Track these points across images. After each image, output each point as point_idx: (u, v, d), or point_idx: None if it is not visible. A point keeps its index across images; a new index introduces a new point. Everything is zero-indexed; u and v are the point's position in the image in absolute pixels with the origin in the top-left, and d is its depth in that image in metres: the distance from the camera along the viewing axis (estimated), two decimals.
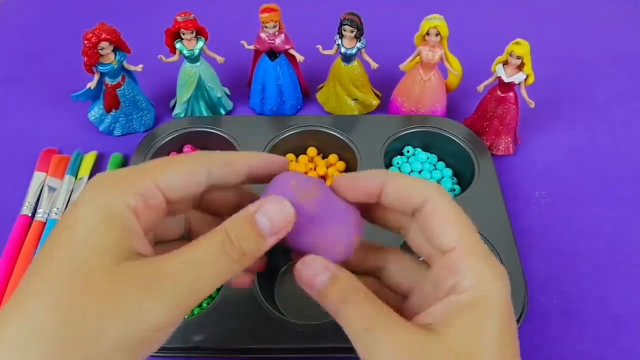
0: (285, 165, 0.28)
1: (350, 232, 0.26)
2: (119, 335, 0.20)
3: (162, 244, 0.28)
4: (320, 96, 0.61)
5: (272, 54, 0.56)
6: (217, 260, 0.22)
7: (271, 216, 0.23)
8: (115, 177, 0.23)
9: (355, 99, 0.59)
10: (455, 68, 0.55)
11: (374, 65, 0.56)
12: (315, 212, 0.25)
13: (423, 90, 0.56)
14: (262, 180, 0.27)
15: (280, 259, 0.47)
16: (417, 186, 0.25)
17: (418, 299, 0.26)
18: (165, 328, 0.21)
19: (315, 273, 0.24)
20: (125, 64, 0.54)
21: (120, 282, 0.20)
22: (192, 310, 0.44)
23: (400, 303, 0.27)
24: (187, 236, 0.29)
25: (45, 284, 0.20)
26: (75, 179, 0.53)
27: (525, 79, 0.51)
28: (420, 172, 0.54)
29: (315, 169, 0.54)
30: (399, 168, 0.54)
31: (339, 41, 0.54)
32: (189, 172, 0.24)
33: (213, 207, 0.29)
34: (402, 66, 0.57)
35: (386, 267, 0.28)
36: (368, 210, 0.28)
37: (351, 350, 0.23)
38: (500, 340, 0.22)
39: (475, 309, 0.22)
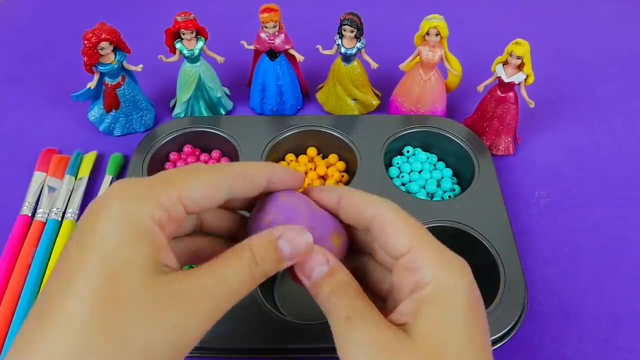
0: (302, 181, 0.29)
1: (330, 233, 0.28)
2: (156, 346, 0.20)
3: (175, 239, 0.28)
4: (320, 96, 0.61)
5: (272, 54, 0.56)
6: (245, 280, 0.24)
7: (292, 244, 0.25)
8: (141, 188, 0.23)
9: (355, 99, 0.59)
10: (455, 68, 0.55)
11: (374, 65, 0.56)
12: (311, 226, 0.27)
13: (423, 90, 0.56)
14: (276, 190, 0.28)
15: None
16: (367, 202, 0.27)
17: (391, 301, 0.27)
18: (195, 341, 0.22)
19: (316, 264, 0.25)
20: (125, 64, 0.54)
21: (159, 296, 0.21)
22: None
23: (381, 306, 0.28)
24: (200, 230, 0.29)
25: (78, 294, 0.20)
26: (75, 179, 0.53)
27: (525, 79, 0.51)
28: (420, 172, 0.54)
29: (315, 169, 0.54)
30: (399, 168, 0.54)
31: (339, 41, 0.54)
32: (211, 187, 0.25)
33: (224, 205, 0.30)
34: (402, 66, 0.57)
35: (367, 269, 0.30)
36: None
37: None
38: (468, 328, 0.22)
39: (439, 300, 0.23)
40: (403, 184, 0.53)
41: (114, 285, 0.20)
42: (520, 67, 0.51)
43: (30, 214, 0.50)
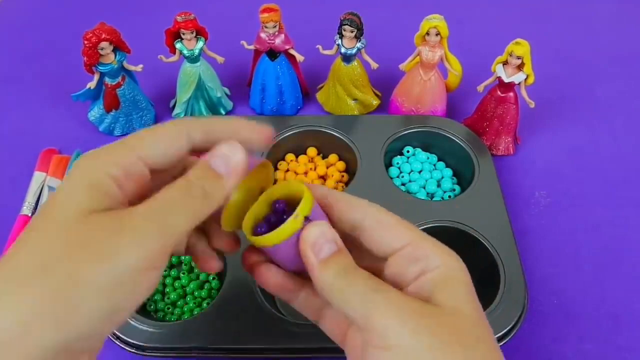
0: (270, 136, 0.28)
1: None
2: (97, 278, 0.21)
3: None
4: (320, 96, 0.61)
5: (272, 54, 0.56)
6: (182, 199, 0.23)
7: (223, 155, 0.25)
8: (97, 152, 0.24)
9: (355, 99, 0.59)
10: (455, 68, 0.55)
11: (374, 65, 0.56)
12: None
13: (423, 90, 0.56)
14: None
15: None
16: (357, 203, 0.28)
17: None
18: (143, 269, 0.22)
19: (325, 239, 0.25)
20: (125, 64, 0.54)
21: (93, 229, 0.21)
22: (192, 310, 0.44)
23: None
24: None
25: (30, 239, 0.22)
26: None
27: (525, 79, 0.51)
28: (420, 172, 0.54)
29: (315, 169, 0.54)
30: (399, 168, 0.54)
31: (339, 41, 0.54)
32: (166, 138, 0.25)
33: None
34: (402, 66, 0.57)
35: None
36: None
37: None
38: (475, 301, 0.25)
39: (450, 280, 0.25)
40: (403, 184, 0.53)
41: (54, 224, 0.22)
42: (520, 67, 0.51)
43: (30, 214, 0.50)
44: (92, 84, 0.54)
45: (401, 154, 0.55)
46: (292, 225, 0.25)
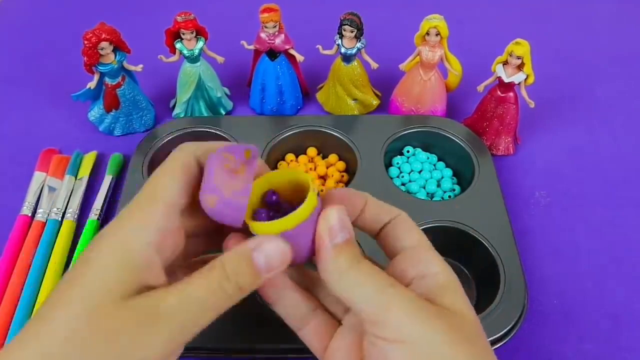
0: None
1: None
2: None
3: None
4: (320, 96, 0.61)
5: (272, 54, 0.56)
6: (213, 297, 0.23)
7: (267, 254, 0.24)
8: (127, 216, 0.24)
9: (355, 99, 0.59)
10: (455, 68, 0.55)
11: (374, 65, 0.56)
12: None
13: (423, 90, 0.56)
14: None
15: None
16: (387, 209, 0.29)
17: None
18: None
19: (342, 225, 0.25)
20: (125, 64, 0.54)
21: (121, 320, 0.22)
22: None
23: None
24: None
25: (58, 320, 0.22)
26: (75, 179, 0.53)
27: (525, 79, 0.51)
28: (420, 172, 0.54)
29: (315, 169, 0.54)
30: (399, 168, 0.54)
31: (339, 41, 0.54)
32: (179, 172, 0.26)
33: None
34: (402, 66, 0.57)
35: None
36: None
37: None
38: (471, 308, 0.26)
39: (449, 286, 0.26)
40: (403, 184, 0.53)
41: (85, 311, 0.22)
42: (520, 67, 0.51)
43: (30, 214, 0.50)
44: (92, 84, 0.54)
45: (401, 154, 0.55)
46: (306, 211, 0.25)
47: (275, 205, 0.27)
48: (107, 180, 0.53)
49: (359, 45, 0.54)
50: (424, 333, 0.23)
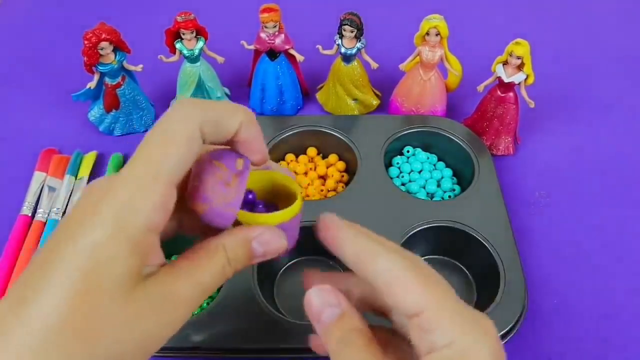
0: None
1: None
2: (126, 353, 0.21)
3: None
4: (320, 96, 0.61)
5: (272, 54, 0.56)
6: (216, 281, 0.24)
7: (267, 243, 0.26)
8: (128, 195, 0.22)
9: (355, 99, 0.59)
10: (455, 68, 0.55)
11: (374, 65, 0.56)
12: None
13: (423, 90, 0.56)
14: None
15: (280, 259, 0.47)
16: (375, 252, 0.24)
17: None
18: (163, 342, 0.23)
19: (327, 304, 0.25)
20: (125, 64, 0.54)
21: (131, 306, 0.21)
22: None
23: (408, 356, 0.25)
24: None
25: (54, 296, 0.20)
26: (75, 179, 0.53)
27: (525, 79, 0.51)
28: (420, 172, 0.54)
29: (315, 169, 0.54)
30: (399, 168, 0.54)
31: (339, 41, 0.54)
32: (183, 148, 0.23)
33: None
34: (402, 66, 0.57)
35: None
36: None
37: None
38: None
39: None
40: (403, 184, 0.53)
41: (89, 293, 0.20)
42: (520, 67, 0.51)
43: (30, 214, 0.50)
44: (92, 84, 0.54)
45: (401, 154, 0.55)
46: (298, 205, 0.26)
47: (251, 203, 0.28)
48: None
49: (359, 45, 0.54)
50: None
